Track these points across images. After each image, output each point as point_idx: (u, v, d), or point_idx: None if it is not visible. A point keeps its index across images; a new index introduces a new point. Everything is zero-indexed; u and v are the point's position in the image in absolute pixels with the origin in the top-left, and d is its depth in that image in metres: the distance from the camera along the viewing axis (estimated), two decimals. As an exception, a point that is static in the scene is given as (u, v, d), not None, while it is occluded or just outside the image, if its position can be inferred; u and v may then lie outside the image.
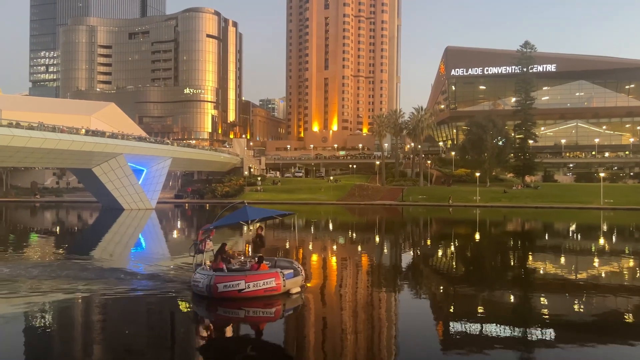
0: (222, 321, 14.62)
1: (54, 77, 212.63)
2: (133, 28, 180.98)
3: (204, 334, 13.68)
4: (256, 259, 16.88)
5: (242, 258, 18.06)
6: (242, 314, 14.80)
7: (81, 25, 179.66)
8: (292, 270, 16.82)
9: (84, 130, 64.42)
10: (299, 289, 16.64)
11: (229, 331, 13.76)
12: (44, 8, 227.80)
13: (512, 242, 38.08)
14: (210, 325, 14.48)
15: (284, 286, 16.06)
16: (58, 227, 51.72)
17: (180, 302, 16.22)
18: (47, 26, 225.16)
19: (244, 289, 15.48)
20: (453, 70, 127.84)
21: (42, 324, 14.17)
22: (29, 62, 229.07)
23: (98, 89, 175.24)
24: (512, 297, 18.18)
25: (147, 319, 15.06)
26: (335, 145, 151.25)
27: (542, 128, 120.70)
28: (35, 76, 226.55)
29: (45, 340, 12.70)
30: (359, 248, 33.12)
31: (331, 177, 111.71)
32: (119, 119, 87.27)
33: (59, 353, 12.05)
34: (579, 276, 22.55)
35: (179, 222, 59.32)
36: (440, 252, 31.33)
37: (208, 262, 17.29)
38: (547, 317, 15.10)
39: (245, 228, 18.93)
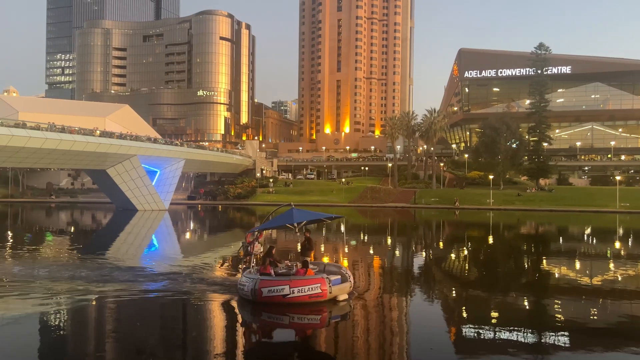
0: (266, 327, 14.41)
1: (70, 80, 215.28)
2: (147, 31, 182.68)
3: (249, 339, 13.47)
4: (301, 263, 16.42)
5: (289, 262, 17.59)
6: (287, 320, 14.45)
7: (96, 28, 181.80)
8: (339, 276, 16.23)
9: (98, 132, 65.11)
10: (346, 296, 15.99)
11: (273, 337, 13.54)
12: (60, 11, 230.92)
13: (528, 246, 37.70)
14: (255, 330, 14.28)
15: (330, 292, 15.43)
16: (84, 228, 52.27)
17: (224, 306, 16.01)
18: (63, 29, 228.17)
19: (288, 294, 15.06)
20: (466, 72, 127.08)
21: (104, 327, 14.22)
22: (45, 64, 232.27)
23: (113, 91, 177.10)
24: (528, 302, 18.00)
25: (190, 322, 14.85)
26: (347, 148, 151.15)
27: (557, 130, 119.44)
28: (51, 78, 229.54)
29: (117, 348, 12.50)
30: (395, 252, 32.57)
31: (343, 179, 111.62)
32: (133, 121, 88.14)
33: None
34: (594, 281, 22.25)
35: (196, 224, 59.68)
36: (473, 258, 30.70)
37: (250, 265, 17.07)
38: (562, 321, 14.93)
39: (297, 232, 17.70)
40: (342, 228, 47.51)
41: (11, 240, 37.95)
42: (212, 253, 31.08)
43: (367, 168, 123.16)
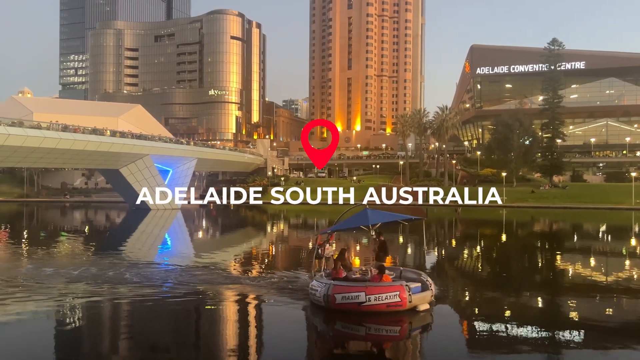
0: (340, 337, 13.43)
1: (83, 80, 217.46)
2: (159, 31, 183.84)
3: (322, 350, 12.68)
4: (376, 269, 15.27)
5: (364, 267, 16.41)
6: (363, 331, 13.29)
7: (109, 29, 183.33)
8: (419, 284, 14.94)
9: (108, 132, 65.62)
10: (427, 306, 14.61)
11: (348, 349, 12.73)
12: (73, 13, 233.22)
13: (542, 244, 37.36)
14: (328, 340, 13.37)
15: (410, 302, 14.11)
16: (113, 228, 52.69)
17: (294, 311, 15.31)
18: (76, 30, 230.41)
19: (364, 302, 13.86)
20: (478, 68, 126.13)
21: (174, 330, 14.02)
22: (59, 65, 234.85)
23: (125, 91, 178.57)
24: (541, 300, 17.84)
25: (258, 327, 14.38)
26: (359, 145, 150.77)
27: (571, 127, 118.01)
28: (64, 79, 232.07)
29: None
30: (459, 254, 30.58)
31: (354, 177, 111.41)
32: (146, 121, 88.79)
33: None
34: (609, 279, 21.98)
35: (214, 222, 60.08)
36: (486, 258, 30.61)
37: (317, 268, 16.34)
38: (576, 320, 14.78)
39: (373, 234, 16.65)
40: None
41: (42, 239, 38.41)
42: (264, 253, 30.88)
43: (378, 166, 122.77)
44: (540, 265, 26.92)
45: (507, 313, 15.68)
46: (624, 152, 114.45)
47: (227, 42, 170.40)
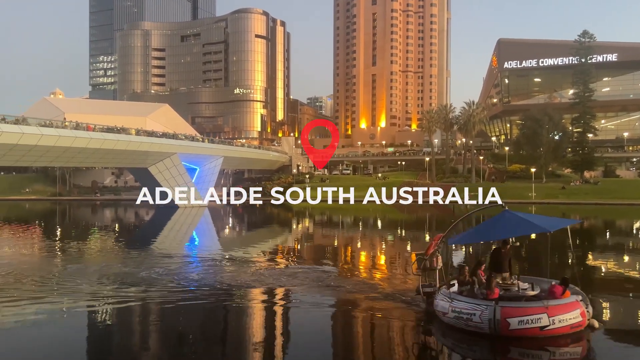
0: None
1: (112, 81, 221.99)
2: (185, 31, 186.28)
3: None
4: (559, 281, 12.64)
5: (499, 280, 13.67)
6: (546, 357, 11.28)
7: (136, 30, 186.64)
8: (580, 297, 12.51)
9: (133, 131, 66.76)
10: (598, 323, 12.57)
11: None
12: (102, 15, 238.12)
13: (573, 240, 36.47)
14: None
15: (589, 320, 12.14)
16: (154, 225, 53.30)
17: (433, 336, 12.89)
18: (105, 32, 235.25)
19: (547, 326, 11.48)
20: (506, 62, 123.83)
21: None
22: (89, 66, 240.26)
23: (152, 91, 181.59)
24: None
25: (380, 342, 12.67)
26: (383, 142, 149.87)
27: (603, 121, 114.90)
28: (94, 80, 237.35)
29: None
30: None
31: (379, 174, 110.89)
32: (173, 120, 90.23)
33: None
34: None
35: (249, 219, 60.83)
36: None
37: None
38: (609, 319, 14.40)
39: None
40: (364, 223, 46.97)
41: (82, 236, 39.44)
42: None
43: (403, 162, 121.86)
44: (569, 262, 26.24)
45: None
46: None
47: (252, 40, 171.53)
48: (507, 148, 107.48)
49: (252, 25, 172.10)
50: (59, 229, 47.13)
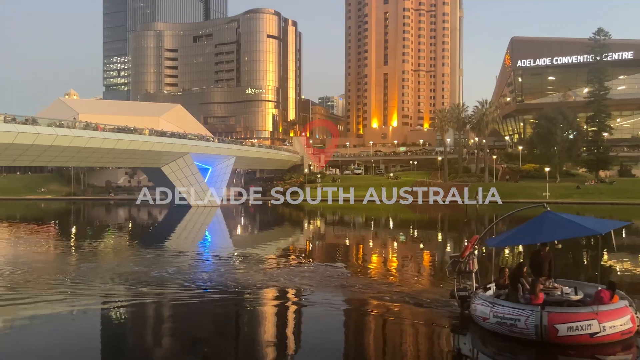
0: None
1: (125, 81, 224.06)
2: (197, 31, 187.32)
3: None
4: (606, 285, 12.13)
5: (548, 283, 13.02)
6: None
7: (149, 31, 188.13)
8: (626, 301, 11.98)
9: (147, 131, 67.29)
10: None
11: None
12: (116, 16, 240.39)
13: (587, 240, 36.06)
14: None
15: (638, 325, 11.60)
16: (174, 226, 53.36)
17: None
18: (118, 33, 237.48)
19: (597, 333, 10.99)
20: (519, 61, 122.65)
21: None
22: (103, 67, 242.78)
23: (165, 91, 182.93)
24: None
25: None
26: (395, 142, 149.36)
27: (618, 120, 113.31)
28: (108, 80, 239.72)
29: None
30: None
31: (391, 174, 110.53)
32: (185, 120, 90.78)
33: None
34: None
35: (261, 218, 60.95)
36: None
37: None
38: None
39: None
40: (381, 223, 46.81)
41: (100, 235, 39.89)
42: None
43: (415, 162, 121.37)
44: (584, 262, 25.93)
45: None
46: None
47: (264, 40, 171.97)
48: (520, 147, 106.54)
49: (263, 26, 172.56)
50: (74, 228, 47.68)
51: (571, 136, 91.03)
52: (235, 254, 28.12)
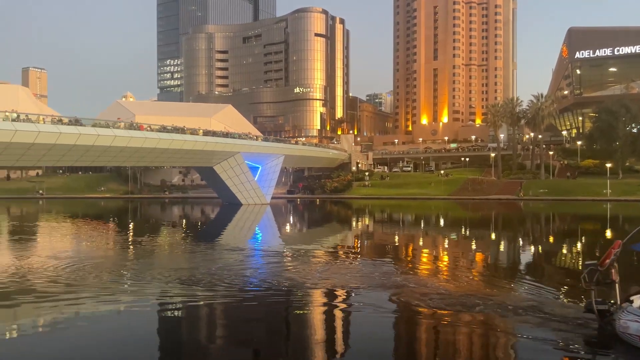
0: None
1: (178, 83, 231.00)
2: (247, 32, 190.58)
3: None
4: None
5: None
6: None
7: (200, 33, 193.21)
8: None
9: (201, 132, 69.00)
10: None
11: None
12: (169, 20, 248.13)
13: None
14: None
15: None
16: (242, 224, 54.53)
17: None
18: (171, 36, 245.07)
19: None
20: (577, 52, 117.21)
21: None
22: (157, 70, 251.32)
23: (216, 92, 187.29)
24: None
25: None
26: (446, 138, 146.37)
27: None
28: (162, 83, 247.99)
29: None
30: None
31: (442, 171, 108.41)
32: (236, 120, 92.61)
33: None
34: None
35: (309, 216, 61.40)
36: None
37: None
38: None
39: None
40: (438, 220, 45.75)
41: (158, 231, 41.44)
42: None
43: (467, 159, 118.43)
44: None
45: None
46: None
47: (312, 39, 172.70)
48: (579, 142, 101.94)
49: (311, 24, 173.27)
50: (132, 225, 49.60)
51: (635, 130, 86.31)
52: (286, 251, 28.35)
